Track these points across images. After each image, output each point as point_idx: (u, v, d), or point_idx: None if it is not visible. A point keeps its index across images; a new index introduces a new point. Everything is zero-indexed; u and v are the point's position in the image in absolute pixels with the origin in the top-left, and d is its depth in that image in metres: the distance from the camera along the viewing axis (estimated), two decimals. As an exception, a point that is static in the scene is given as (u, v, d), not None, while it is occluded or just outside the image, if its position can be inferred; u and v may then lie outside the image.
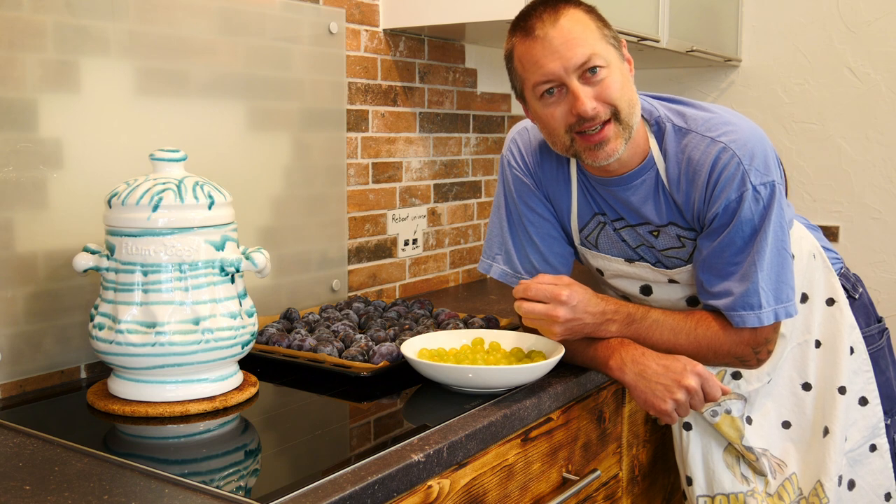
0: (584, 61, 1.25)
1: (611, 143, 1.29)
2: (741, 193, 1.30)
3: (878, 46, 2.55)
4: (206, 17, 1.56)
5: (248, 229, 1.64)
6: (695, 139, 1.34)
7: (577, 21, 1.27)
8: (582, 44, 1.26)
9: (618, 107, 1.28)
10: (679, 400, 1.29)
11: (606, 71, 1.27)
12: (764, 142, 1.33)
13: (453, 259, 2.31)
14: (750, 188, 1.29)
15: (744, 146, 1.30)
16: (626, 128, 1.30)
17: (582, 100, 1.26)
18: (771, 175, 1.31)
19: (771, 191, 1.30)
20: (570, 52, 1.25)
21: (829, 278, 1.51)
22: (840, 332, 1.50)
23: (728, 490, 1.51)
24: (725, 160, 1.30)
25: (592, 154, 1.30)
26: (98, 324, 1.21)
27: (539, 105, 1.31)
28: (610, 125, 1.28)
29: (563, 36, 1.26)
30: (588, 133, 1.29)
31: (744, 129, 1.32)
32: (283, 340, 1.46)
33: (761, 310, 1.32)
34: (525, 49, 1.29)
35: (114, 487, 0.96)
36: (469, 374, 1.25)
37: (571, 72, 1.26)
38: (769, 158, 1.32)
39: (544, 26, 1.26)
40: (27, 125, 1.30)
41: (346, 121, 1.90)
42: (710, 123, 1.34)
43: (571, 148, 1.32)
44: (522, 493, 1.28)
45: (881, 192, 2.58)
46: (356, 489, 0.94)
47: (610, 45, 1.29)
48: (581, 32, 1.26)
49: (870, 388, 1.53)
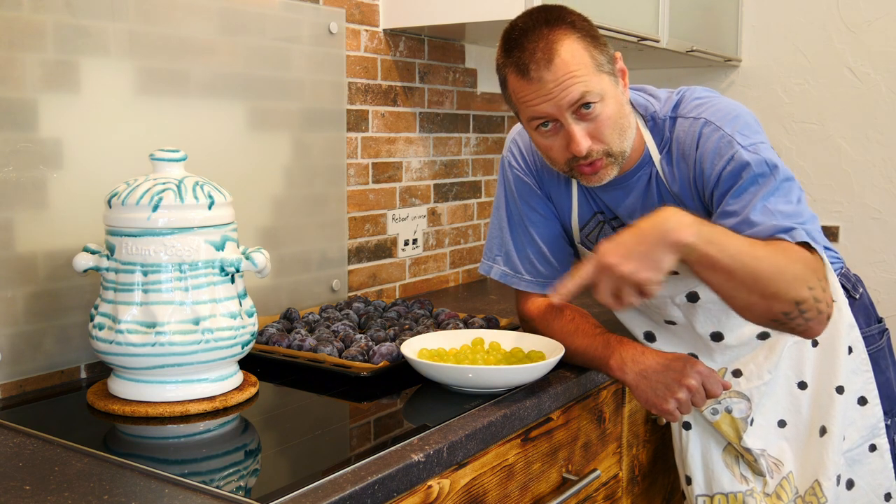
0: (577, 99, 1.26)
1: (603, 172, 1.33)
2: (732, 154, 1.30)
3: (878, 46, 2.56)
4: (206, 17, 1.56)
5: (248, 229, 1.64)
6: (682, 123, 1.37)
7: (572, 55, 1.26)
8: (576, 82, 1.25)
9: (610, 145, 1.31)
10: (680, 398, 1.29)
11: (600, 106, 1.28)
12: (744, 110, 1.35)
13: (453, 259, 2.31)
14: (738, 147, 1.30)
15: (724, 117, 1.33)
16: (620, 156, 1.34)
17: (577, 140, 1.28)
18: (758, 136, 1.32)
19: (767, 147, 1.31)
20: (563, 93, 1.26)
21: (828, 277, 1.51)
22: (838, 331, 1.50)
23: (727, 490, 1.51)
24: (708, 133, 1.32)
25: (587, 180, 1.35)
26: (98, 324, 1.22)
27: (536, 135, 1.34)
28: (601, 160, 1.32)
29: (557, 78, 1.25)
30: (582, 164, 1.32)
31: (721, 101, 1.35)
32: (283, 340, 1.46)
33: (795, 230, 1.25)
34: (518, 86, 1.29)
35: (114, 487, 0.96)
36: (469, 374, 1.25)
37: (565, 110, 1.27)
38: (752, 123, 1.33)
39: (539, 68, 1.25)
40: (27, 125, 1.30)
41: (346, 121, 1.90)
42: (692, 105, 1.37)
43: (570, 173, 1.36)
44: (522, 493, 1.28)
45: (881, 192, 2.59)
46: (356, 489, 0.94)
47: (604, 74, 1.29)
48: (575, 69, 1.25)
49: (869, 388, 1.53)
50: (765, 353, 1.48)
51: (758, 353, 1.48)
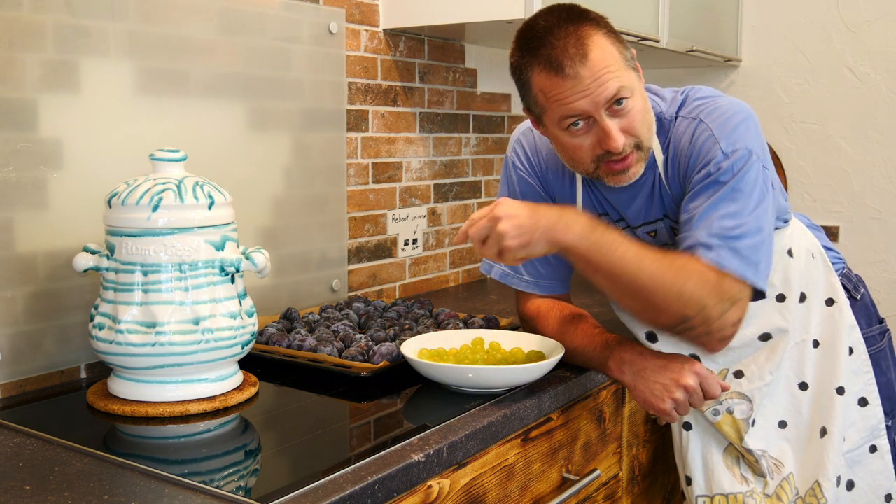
0: (613, 94, 1.25)
1: (633, 168, 1.32)
2: (711, 158, 1.30)
3: (877, 46, 2.56)
4: (206, 17, 1.56)
5: (248, 229, 1.64)
6: (682, 123, 1.36)
7: (603, 50, 1.25)
8: (611, 77, 1.25)
9: (640, 137, 1.30)
10: (678, 399, 1.29)
11: (632, 101, 1.28)
12: (743, 113, 1.33)
13: (453, 259, 2.31)
14: (719, 154, 1.29)
15: (718, 117, 1.32)
16: (646, 151, 1.33)
17: (614, 136, 1.27)
18: (745, 143, 1.30)
19: (744, 157, 1.29)
20: (601, 89, 1.24)
21: (828, 278, 1.51)
22: (839, 332, 1.50)
23: (727, 490, 1.51)
24: (699, 131, 1.32)
25: (615, 178, 1.33)
26: (98, 324, 1.22)
27: (564, 134, 1.31)
28: (633, 154, 1.31)
29: (594, 73, 1.24)
30: (613, 160, 1.30)
31: (721, 102, 1.34)
32: (283, 340, 1.46)
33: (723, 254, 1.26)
34: (551, 84, 1.26)
35: (114, 487, 0.96)
36: (469, 374, 1.25)
37: (601, 107, 1.26)
38: (746, 128, 1.31)
39: (574, 64, 1.24)
40: (27, 125, 1.30)
41: (346, 121, 1.90)
42: (693, 105, 1.36)
43: (594, 173, 1.34)
44: (522, 493, 1.28)
45: (881, 192, 2.59)
46: (356, 489, 0.94)
47: (631, 70, 1.29)
48: (610, 64, 1.25)
49: (870, 389, 1.53)
50: (766, 354, 1.48)
51: (759, 354, 1.48)
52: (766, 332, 1.47)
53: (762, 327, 1.46)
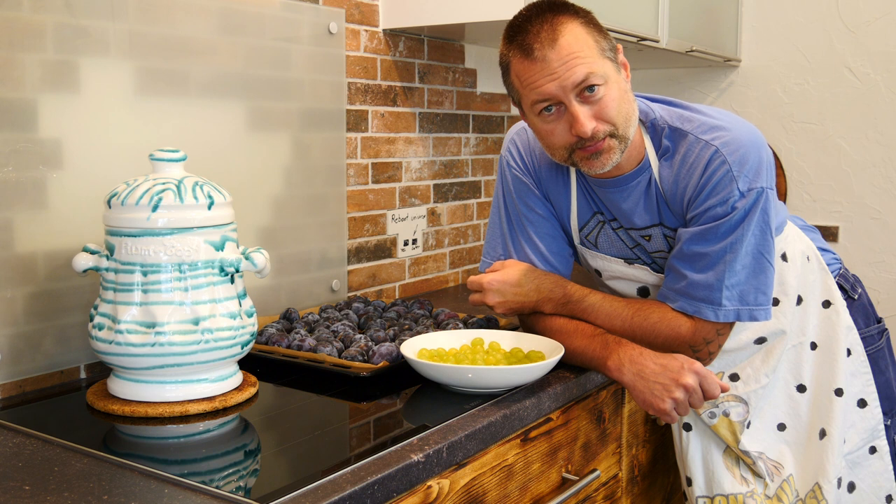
0: (581, 80, 1.26)
1: (606, 154, 1.31)
2: (727, 198, 1.30)
3: (877, 46, 2.56)
4: (205, 17, 1.56)
5: (248, 229, 1.64)
6: (690, 141, 1.35)
7: (575, 37, 1.26)
8: (580, 63, 1.25)
9: (615, 125, 1.30)
10: (678, 399, 1.29)
11: (604, 88, 1.28)
12: (759, 146, 1.33)
13: (453, 259, 2.31)
14: (736, 194, 1.30)
15: (735, 151, 1.31)
16: (623, 140, 1.32)
17: (581, 121, 1.27)
18: (760, 181, 1.31)
19: (756, 197, 1.30)
20: (568, 73, 1.25)
21: (825, 280, 1.51)
22: (837, 334, 1.50)
23: (727, 491, 1.51)
24: (717, 164, 1.31)
25: (588, 163, 1.33)
26: (98, 324, 1.22)
27: (538, 120, 1.33)
28: (606, 140, 1.30)
29: (561, 57, 1.25)
30: (587, 146, 1.31)
31: (739, 133, 1.33)
32: (283, 340, 1.46)
33: (720, 307, 1.33)
34: (522, 68, 1.29)
35: (113, 487, 0.96)
36: (469, 374, 1.25)
37: (569, 91, 1.26)
38: (761, 164, 1.32)
39: (542, 47, 1.26)
40: (27, 125, 1.30)
41: (345, 121, 1.90)
42: (706, 126, 1.34)
43: (569, 159, 1.35)
44: (522, 493, 1.28)
45: (881, 192, 2.59)
46: (356, 489, 0.94)
47: (607, 60, 1.29)
48: (579, 50, 1.26)
49: (868, 389, 1.53)
50: (762, 357, 1.48)
51: (755, 357, 1.48)
52: (762, 335, 1.47)
53: (757, 331, 1.46)
